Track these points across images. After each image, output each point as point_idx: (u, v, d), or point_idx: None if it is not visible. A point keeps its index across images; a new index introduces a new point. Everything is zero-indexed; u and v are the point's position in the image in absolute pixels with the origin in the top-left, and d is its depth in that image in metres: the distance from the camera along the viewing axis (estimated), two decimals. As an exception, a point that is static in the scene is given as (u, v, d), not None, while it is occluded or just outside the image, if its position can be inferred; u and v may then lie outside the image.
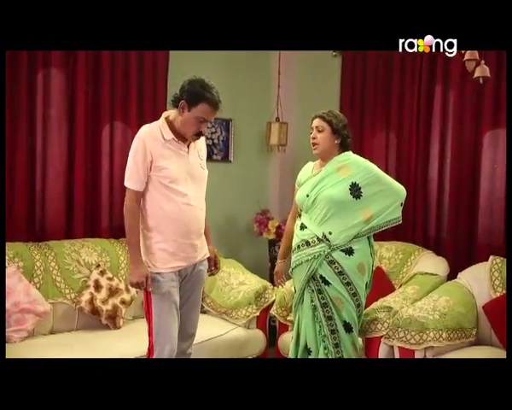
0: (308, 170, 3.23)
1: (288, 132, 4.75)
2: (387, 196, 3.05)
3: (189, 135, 2.73)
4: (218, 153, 4.71)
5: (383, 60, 4.36)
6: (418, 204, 4.20)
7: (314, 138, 3.10)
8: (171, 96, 4.08)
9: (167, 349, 2.69)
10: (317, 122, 3.11)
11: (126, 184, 2.72)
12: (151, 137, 2.69)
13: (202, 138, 2.91)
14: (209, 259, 2.98)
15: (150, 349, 2.73)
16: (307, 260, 3.03)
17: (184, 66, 4.05)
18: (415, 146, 4.23)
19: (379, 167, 3.12)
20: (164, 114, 2.81)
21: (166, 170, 2.68)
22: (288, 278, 3.34)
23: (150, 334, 2.73)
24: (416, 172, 4.22)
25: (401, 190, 3.10)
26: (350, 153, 3.14)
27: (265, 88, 4.93)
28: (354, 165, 3.07)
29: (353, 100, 4.55)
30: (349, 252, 3.00)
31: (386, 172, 3.25)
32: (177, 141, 2.73)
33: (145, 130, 2.73)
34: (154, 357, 2.71)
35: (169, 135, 2.71)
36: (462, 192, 4.02)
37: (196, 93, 2.65)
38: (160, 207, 2.71)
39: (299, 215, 3.18)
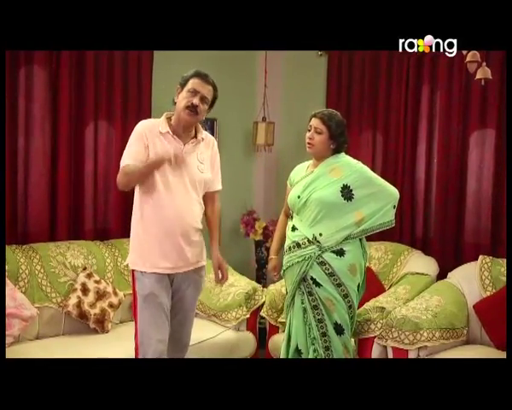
0: (302, 170, 3.19)
1: (274, 132, 4.72)
2: (379, 198, 3.04)
3: (182, 110, 2.71)
4: (203, 153, 4.65)
5: (370, 59, 4.35)
6: (405, 204, 4.18)
7: (311, 139, 3.06)
8: (155, 95, 4.14)
9: (151, 351, 2.65)
10: (315, 123, 3.06)
11: (121, 163, 2.72)
12: (147, 127, 2.76)
13: (209, 142, 2.86)
14: (214, 267, 2.88)
15: (136, 351, 2.72)
16: (298, 262, 3.02)
17: (169, 65, 3.99)
18: (402, 146, 4.22)
19: (365, 168, 3.12)
20: (165, 114, 2.83)
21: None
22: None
23: (136, 335, 2.71)
24: (403, 173, 4.22)
25: (394, 192, 3.09)
26: (342, 154, 3.11)
27: (250, 87, 4.88)
28: (346, 166, 3.05)
29: (339, 99, 4.52)
30: (340, 253, 2.98)
31: (373, 172, 3.22)
32: (173, 136, 2.73)
33: (143, 121, 2.83)
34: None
35: (164, 128, 2.74)
36: (449, 192, 4.04)
37: (186, 75, 2.75)
38: (146, 202, 2.70)
39: (291, 217, 3.15)
